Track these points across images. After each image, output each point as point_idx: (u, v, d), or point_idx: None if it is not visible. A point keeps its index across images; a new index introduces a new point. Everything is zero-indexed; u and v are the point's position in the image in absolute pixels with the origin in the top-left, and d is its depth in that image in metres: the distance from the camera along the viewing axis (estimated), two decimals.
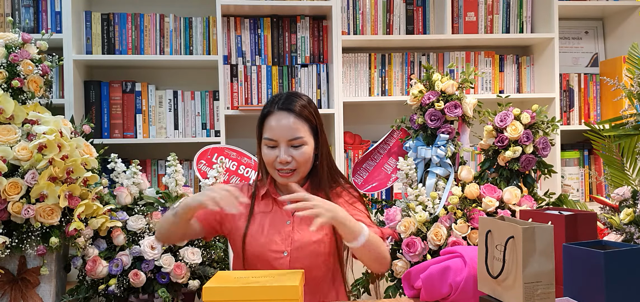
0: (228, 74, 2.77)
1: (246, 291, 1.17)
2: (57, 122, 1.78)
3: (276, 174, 1.59)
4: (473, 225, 1.80)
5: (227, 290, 1.18)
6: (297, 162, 1.56)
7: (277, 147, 1.56)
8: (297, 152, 1.56)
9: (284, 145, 1.56)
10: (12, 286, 1.75)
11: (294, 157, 1.56)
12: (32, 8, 2.68)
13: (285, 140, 1.55)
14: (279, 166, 1.56)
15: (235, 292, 1.17)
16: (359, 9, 2.91)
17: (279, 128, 1.56)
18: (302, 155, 1.56)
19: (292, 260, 1.54)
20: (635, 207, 1.59)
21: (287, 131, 1.55)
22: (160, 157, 2.78)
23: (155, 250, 1.84)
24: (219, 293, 1.17)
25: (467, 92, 2.45)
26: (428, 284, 1.38)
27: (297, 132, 1.56)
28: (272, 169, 1.59)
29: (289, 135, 1.55)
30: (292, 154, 1.56)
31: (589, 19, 3.25)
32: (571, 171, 3.05)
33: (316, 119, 1.62)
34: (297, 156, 1.56)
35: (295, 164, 1.56)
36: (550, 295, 1.14)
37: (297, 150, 1.56)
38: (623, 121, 1.89)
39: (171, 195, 1.97)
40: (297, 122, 1.56)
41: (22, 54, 1.83)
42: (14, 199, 1.66)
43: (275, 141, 1.56)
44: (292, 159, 1.55)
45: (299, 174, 1.59)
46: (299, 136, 1.56)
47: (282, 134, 1.55)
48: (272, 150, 1.57)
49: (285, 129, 1.55)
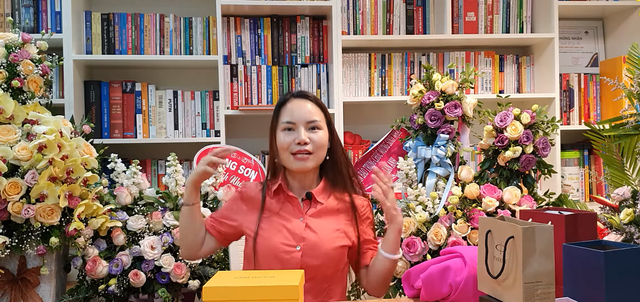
0: (228, 74, 2.77)
1: (246, 291, 1.17)
2: (57, 122, 1.78)
3: (291, 160, 1.60)
4: (473, 225, 1.80)
5: (227, 290, 1.17)
6: (315, 144, 1.60)
7: (295, 130, 1.61)
8: (315, 135, 1.61)
9: (302, 127, 1.60)
10: (12, 286, 1.75)
11: (312, 139, 1.60)
12: (32, 8, 2.68)
13: (303, 121, 1.61)
14: (296, 148, 1.58)
15: (235, 292, 1.17)
16: (359, 9, 2.91)
17: (298, 110, 1.62)
18: (319, 139, 1.61)
19: (305, 256, 1.54)
20: (635, 207, 1.59)
21: (306, 113, 1.62)
22: (160, 157, 2.78)
23: (155, 250, 1.84)
24: (219, 293, 1.17)
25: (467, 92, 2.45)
26: (428, 284, 1.38)
27: (314, 115, 1.62)
28: (287, 154, 1.60)
29: (308, 117, 1.61)
30: (310, 136, 1.61)
31: (589, 19, 3.25)
32: (571, 171, 3.05)
33: (328, 115, 1.69)
34: (315, 139, 1.61)
35: (313, 147, 1.59)
36: (550, 295, 1.14)
37: (315, 133, 1.61)
38: (623, 121, 1.89)
39: (171, 195, 1.98)
40: (314, 107, 1.64)
41: (22, 54, 1.83)
42: (14, 199, 1.66)
43: (294, 123, 1.61)
44: (310, 141, 1.60)
45: (315, 159, 1.61)
46: (316, 119, 1.62)
47: (301, 116, 1.61)
48: (289, 133, 1.61)
49: (305, 111, 1.62)
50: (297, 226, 1.58)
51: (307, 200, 1.62)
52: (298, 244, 1.55)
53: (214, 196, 2.08)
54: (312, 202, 1.62)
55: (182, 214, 1.61)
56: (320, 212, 1.61)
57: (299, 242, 1.55)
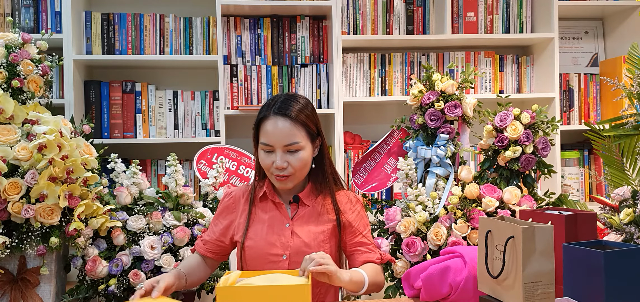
0: (228, 74, 2.77)
1: (258, 291, 1.18)
2: (57, 122, 1.78)
3: (273, 179, 1.59)
4: (473, 225, 1.80)
5: (240, 290, 1.19)
6: (294, 167, 1.55)
7: (274, 152, 1.55)
8: (293, 158, 1.54)
9: (280, 150, 1.54)
10: (12, 286, 1.75)
11: (290, 163, 1.54)
12: (32, 8, 2.68)
13: (281, 145, 1.54)
14: (275, 172, 1.56)
15: (247, 291, 1.18)
16: (359, 9, 2.91)
17: (274, 133, 1.53)
18: (298, 161, 1.55)
19: (291, 263, 1.54)
20: (635, 207, 1.59)
21: (284, 137, 1.53)
22: (160, 157, 2.78)
23: (155, 250, 1.84)
24: (232, 293, 1.18)
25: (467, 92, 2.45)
26: (428, 284, 1.38)
27: (293, 138, 1.53)
28: (269, 173, 1.59)
29: (286, 141, 1.53)
30: (288, 159, 1.54)
31: (589, 19, 3.25)
32: (571, 171, 3.05)
33: (314, 122, 1.60)
34: (294, 162, 1.55)
35: (291, 170, 1.55)
36: (550, 295, 1.14)
37: (294, 155, 1.55)
38: (623, 121, 1.89)
39: (171, 195, 1.98)
40: (293, 127, 1.54)
41: (22, 54, 1.83)
42: (14, 199, 1.65)
43: (272, 146, 1.55)
44: (288, 164, 1.54)
45: (296, 179, 1.58)
46: (295, 142, 1.54)
47: (278, 140, 1.53)
48: (268, 155, 1.56)
49: (282, 134, 1.53)
50: (283, 233, 1.58)
51: (295, 203, 1.62)
52: (284, 252, 1.55)
53: (214, 195, 2.08)
54: (300, 204, 1.61)
55: None
56: (307, 216, 1.60)
57: (285, 250, 1.56)
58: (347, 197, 1.67)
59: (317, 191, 1.64)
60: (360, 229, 1.63)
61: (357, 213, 1.64)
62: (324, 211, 1.61)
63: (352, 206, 1.65)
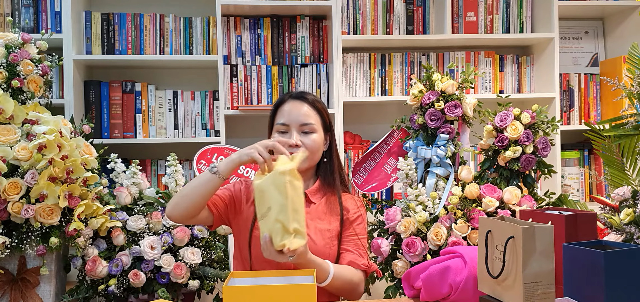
0: (228, 74, 2.77)
1: (265, 290, 1.20)
2: (57, 122, 1.78)
3: None
4: (473, 225, 1.80)
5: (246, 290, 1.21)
6: (306, 147, 1.59)
7: (289, 132, 1.61)
8: (307, 139, 1.60)
9: (295, 130, 1.60)
10: (12, 286, 1.75)
11: (304, 143, 1.59)
12: (32, 8, 2.68)
13: (297, 124, 1.60)
14: (289, 150, 1.56)
15: (254, 291, 1.20)
16: (359, 9, 2.91)
17: (291, 113, 1.62)
18: (312, 142, 1.60)
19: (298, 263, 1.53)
20: (635, 207, 1.59)
21: (300, 116, 1.61)
22: (160, 157, 2.78)
23: (155, 250, 1.84)
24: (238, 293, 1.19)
25: (467, 92, 2.45)
26: (428, 284, 1.38)
27: (309, 118, 1.62)
28: None
29: (301, 120, 1.61)
30: (303, 139, 1.60)
31: (589, 18, 3.25)
32: (571, 171, 3.05)
33: (327, 115, 1.68)
34: (307, 142, 1.60)
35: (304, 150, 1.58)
36: (550, 295, 1.14)
37: (308, 136, 1.61)
38: (623, 121, 1.89)
39: (171, 195, 1.97)
40: (310, 110, 1.63)
41: (22, 54, 1.83)
42: (14, 199, 1.65)
43: (288, 125, 1.61)
44: (301, 144, 1.59)
45: (307, 162, 1.59)
46: (310, 122, 1.61)
47: (295, 119, 1.61)
48: (283, 135, 1.61)
49: (298, 114, 1.61)
50: None
51: None
52: None
53: None
54: (306, 202, 1.62)
55: (202, 178, 1.50)
56: (314, 214, 1.61)
57: None
58: (353, 201, 1.69)
59: (324, 190, 1.66)
60: (358, 231, 1.64)
61: (359, 217, 1.67)
62: (331, 209, 1.63)
63: (356, 209, 1.67)
